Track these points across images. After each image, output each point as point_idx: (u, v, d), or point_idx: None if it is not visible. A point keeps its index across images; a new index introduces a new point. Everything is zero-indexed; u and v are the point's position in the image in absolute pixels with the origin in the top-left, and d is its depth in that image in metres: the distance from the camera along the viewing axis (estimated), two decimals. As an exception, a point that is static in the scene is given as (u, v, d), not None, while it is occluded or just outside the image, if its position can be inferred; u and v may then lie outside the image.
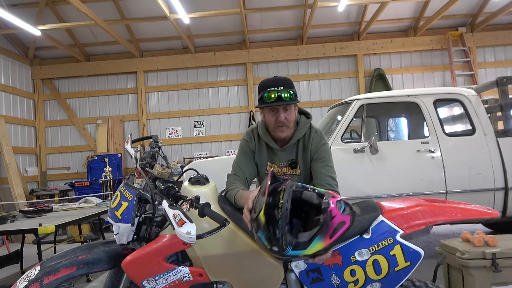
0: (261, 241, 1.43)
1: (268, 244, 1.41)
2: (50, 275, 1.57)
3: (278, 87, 1.82)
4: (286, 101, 1.83)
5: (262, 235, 1.42)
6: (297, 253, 1.38)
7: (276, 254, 1.43)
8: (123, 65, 8.90)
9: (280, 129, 1.91)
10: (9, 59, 8.17)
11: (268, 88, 1.84)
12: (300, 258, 1.48)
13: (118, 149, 8.75)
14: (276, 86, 1.83)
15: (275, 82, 1.86)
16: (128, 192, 1.62)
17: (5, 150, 7.26)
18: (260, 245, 1.47)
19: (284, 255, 1.40)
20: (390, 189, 3.73)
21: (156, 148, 1.87)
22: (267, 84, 1.87)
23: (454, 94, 4.00)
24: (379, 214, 1.66)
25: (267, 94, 1.83)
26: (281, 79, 1.88)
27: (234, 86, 8.98)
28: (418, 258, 1.59)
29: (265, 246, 1.43)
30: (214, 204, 1.70)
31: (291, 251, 1.38)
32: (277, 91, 1.82)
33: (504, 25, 8.81)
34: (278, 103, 1.83)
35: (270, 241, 1.40)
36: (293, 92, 1.84)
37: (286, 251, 1.37)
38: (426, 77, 8.85)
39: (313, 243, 1.37)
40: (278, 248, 1.38)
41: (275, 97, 1.82)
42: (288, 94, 1.82)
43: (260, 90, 1.88)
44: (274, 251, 1.40)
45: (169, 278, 1.59)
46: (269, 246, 1.41)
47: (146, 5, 7.68)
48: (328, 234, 1.37)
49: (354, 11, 8.30)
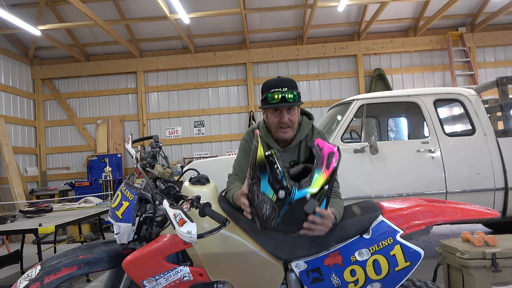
0: (265, 195, 1.44)
1: (274, 191, 1.42)
2: (51, 275, 1.57)
3: (282, 88, 1.80)
4: (290, 102, 1.80)
5: (265, 185, 1.43)
6: (304, 193, 1.43)
7: (284, 204, 1.43)
8: (123, 65, 8.90)
9: (283, 130, 1.89)
10: (9, 59, 8.17)
11: (272, 89, 1.81)
12: (309, 205, 1.45)
13: (118, 149, 8.75)
14: (280, 87, 1.80)
15: (279, 82, 1.83)
16: (129, 192, 1.63)
17: (5, 150, 7.26)
18: (263, 209, 1.46)
19: (291, 201, 1.42)
20: (390, 189, 3.73)
21: (156, 148, 1.87)
22: (271, 84, 1.84)
23: (454, 94, 4.00)
24: (379, 214, 1.66)
25: (271, 95, 1.80)
26: (285, 80, 1.85)
27: (234, 86, 8.98)
28: (418, 258, 1.59)
29: (270, 200, 1.43)
30: (214, 204, 1.71)
31: (298, 192, 1.42)
32: (281, 92, 1.79)
33: (504, 25, 8.81)
34: (282, 104, 1.80)
35: (275, 187, 1.42)
36: (297, 93, 1.82)
37: (292, 193, 1.41)
38: (426, 77, 8.85)
39: (314, 178, 1.44)
40: (284, 190, 1.41)
41: (279, 98, 1.79)
42: (292, 95, 1.79)
43: (264, 90, 1.85)
44: (281, 199, 1.42)
45: (169, 278, 1.59)
46: (276, 194, 1.42)
47: (146, 5, 7.69)
48: (324, 165, 1.45)
49: (354, 11, 8.30)
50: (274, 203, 1.44)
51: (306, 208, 1.45)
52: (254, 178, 1.47)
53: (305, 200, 1.44)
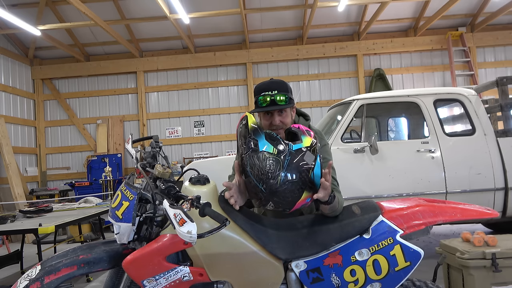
0: (265, 152, 1.52)
1: (273, 146, 1.52)
2: (51, 275, 1.57)
3: (272, 91, 1.81)
4: (280, 105, 1.81)
5: (263, 143, 1.53)
6: (299, 145, 1.53)
7: (285, 155, 1.51)
8: (123, 65, 8.90)
9: (275, 132, 1.91)
10: (9, 59, 8.18)
11: (262, 92, 1.83)
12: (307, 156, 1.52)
13: (118, 149, 8.75)
14: (270, 89, 1.82)
15: (269, 85, 1.84)
16: (129, 191, 1.63)
17: (5, 150, 7.26)
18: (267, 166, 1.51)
19: (292, 149, 1.51)
20: (390, 189, 3.73)
21: (156, 148, 1.87)
22: (261, 88, 1.85)
23: (454, 94, 4.00)
24: (379, 214, 1.66)
25: (262, 98, 1.82)
26: (276, 82, 1.86)
27: (234, 86, 8.99)
28: (418, 258, 1.59)
29: (271, 154, 1.51)
30: (214, 203, 1.70)
31: (294, 145, 1.52)
32: (270, 95, 1.80)
33: (504, 25, 8.82)
34: (272, 107, 1.82)
35: (273, 142, 1.54)
36: (288, 95, 1.82)
37: (290, 146, 1.52)
38: (426, 77, 8.85)
39: (302, 138, 1.56)
40: (282, 143, 1.53)
41: (268, 101, 1.81)
42: (283, 97, 1.80)
43: (255, 94, 1.87)
44: (281, 150, 1.51)
45: (169, 278, 1.59)
46: (275, 148, 1.52)
47: (146, 5, 7.69)
48: (305, 132, 1.59)
49: (354, 11, 8.31)
50: (276, 155, 1.51)
51: (305, 158, 1.52)
52: (250, 144, 1.57)
53: (302, 151, 1.53)
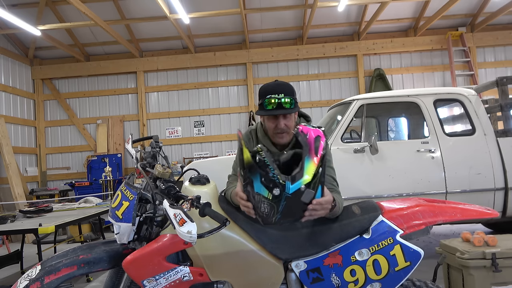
0: (260, 195, 1.44)
1: (268, 190, 1.42)
2: (51, 275, 1.57)
3: (278, 94, 1.79)
4: (286, 109, 1.80)
5: (259, 186, 1.43)
6: (298, 185, 1.41)
7: (279, 200, 1.42)
8: (123, 65, 8.90)
9: (280, 135, 1.89)
10: (9, 59, 8.18)
11: (268, 95, 1.80)
12: (305, 195, 1.44)
13: (118, 149, 8.75)
14: (276, 92, 1.80)
15: (275, 88, 1.82)
16: (129, 191, 1.63)
17: (5, 150, 7.26)
18: (261, 208, 1.46)
19: (288, 194, 1.41)
20: (390, 189, 3.73)
21: (156, 148, 1.87)
22: (267, 90, 1.83)
23: (454, 94, 4.00)
24: (379, 214, 1.66)
25: (268, 101, 1.80)
26: (282, 85, 1.85)
27: (234, 86, 8.99)
28: (418, 258, 1.59)
29: (266, 199, 1.43)
30: (214, 203, 1.71)
31: (292, 186, 1.41)
32: (277, 98, 1.78)
33: (504, 25, 8.81)
34: (278, 111, 1.80)
35: (268, 185, 1.42)
36: (294, 99, 1.81)
37: (287, 187, 1.41)
38: (426, 77, 8.85)
39: (305, 166, 1.43)
40: (279, 187, 1.41)
41: (275, 104, 1.79)
42: (289, 100, 1.79)
43: (261, 96, 1.85)
44: (277, 196, 1.41)
45: (169, 278, 1.60)
46: (270, 192, 1.42)
47: (146, 5, 7.69)
48: (312, 151, 1.45)
49: (354, 11, 8.30)
50: (271, 201, 1.44)
51: (303, 198, 1.44)
52: (246, 180, 1.47)
53: (300, 191, 1.43)
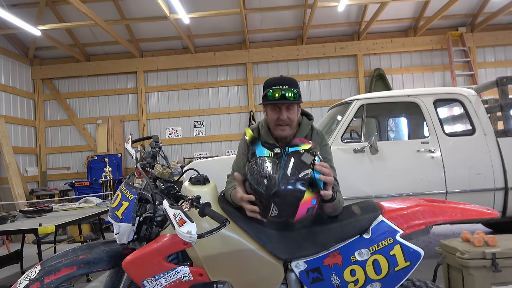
0: (263, 156, 1.54)
1: (269, 150, 1.56)
2: (51, 275, 1.57)
3: (283, 86, 1.84)
4: (289, 100, 1.84)
5: (261, 150, 1.56)
6: (297, 148, 1.55)
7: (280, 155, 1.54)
8: (123, 65, 8.90)
9: (281, 127, 1.91)
10: (9, 59, 8.17)
11: (273, 86, 1.85)
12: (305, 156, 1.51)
13: (118, 149, 8.75)
14: (281, 85, 1.85)
15: (280, 81, 1.87)
16: (129, 191, 1.63)
17: (5, 150, 7.26)
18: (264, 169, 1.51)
19: (288, 151, 1.53)
20: (390, 189, 3.73)
21: (156, 148, 1.87)
22: (272, 82, 1.88)
23: (454, 94, 4.00)
24: (379, 214, 1.66)
25: (272, 92, 1.84)
26: (287, 79, 1.90)
27: (234, 86, 8.98)
28: (418, 258, 1.59)
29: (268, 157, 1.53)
30: (214, 203, 1.70)
31: (291, 148, 1.54)
32: (281, 89, 1.83)
33: (504, 25, 8.81)
34: (281, 101, 1.84)
35: (269, 147, 1.57)
36: (297, 92, 1.86)
37: (287, 149, 1.54)
38: (426, 77, 8.85)
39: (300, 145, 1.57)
40: (279, 149, 1.55)
41: (279, 95, 1.83)
42: (292, 94, 1.83)
43: (265, 87, 1.90)
44: (278, 152, 1.54)
45: (169, 278, 1.59)
46: (271, 151, 1.55)
47: (146, 5, 7.69)
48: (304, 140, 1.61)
49: (354, 11, 8.30)
50: (273, 158, 1.52)
51: (303, 158, 1.50)
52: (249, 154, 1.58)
53: (299, 152, 1.51)
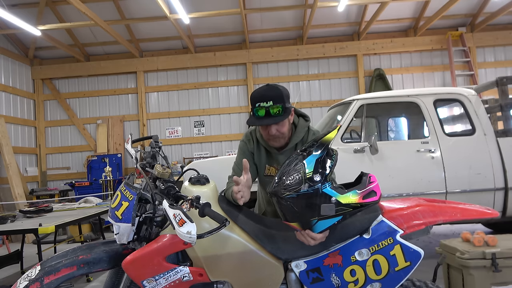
0: (304, 167, 1.46)
1: (313, 170, 1.45)
2: (51, 275, 1.57)
3: (267, 102, 1.79)
4: (274, 117, 1.80)
5: (311, 160, 1.46)
6: (331, 193, 1.44)
7: (311, 186, 1.43)
8: (123, 65, 8.90)
9: (273, 140, 1.93)
10: (9, 59, 8.17)
11: (257, 103, 1.81)
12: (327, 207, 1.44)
13: (118, 149, 8.75)
14: (265, 99, 1.79)
15: (264, 94, 1.82)
16: (129, 192, 1.62)
17: (5, 150, 7.26)
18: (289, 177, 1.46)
19: (319, 189, 1.43)
20: (390, 189, 3.73)
21: (156, 148, 1.87)
22: (257, 97, 1.83)
23: (454, 94, 4.00)
24: (379, 214, 1.66)
25: (256, 110, 1.82)
26: (272, 90, 1.83)
27: (234, 86, 8.98)
28: (418, 258, 1.59)
29: (304, 175, 1.45)
30: (214, 204, 1.70)
31: (329, 189, 1.44)
32: (265, 107, 1.79)
33: (504, 25, 8.81)
34: (266, 120, 1.81)
35: (317, 167, 1.46)
36: (282, 106, 1.80)
37: (325, 184, 1.44)
38: (426, 77, 8.85)
39: (349, 193, 1.46)
40: (321, 177, 1.45)
41: (263, 113, 1.80)
42: (277, 110, 1.79)
43: (252, 101, 1.86)
44: (313, 180, 1.44)
45: (169, 278, 1.59)
46: (313, 173, 1.44)
47: (146, 5, 7.69)
48: (363, 193, 1.48)
49: (354, 11, 8.30)
50: (304, 178, 1.44)
51: (323, 206, 1.43)
52: (305, 150, 1.51)
53: (329, 199, 1.44)
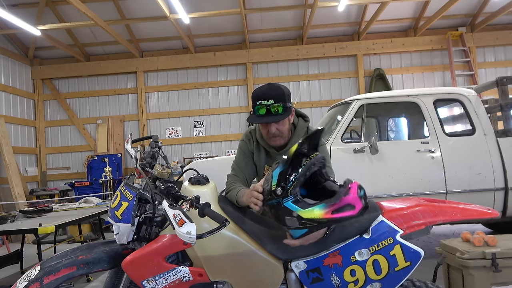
0: (271, 179, 1.46)
1: (276, 183, 1.43)
2: (50, 275, 1.57)
3: (268, 100, 1.79)
4: (275, 116, 1.80)
5: (277, 171, 1.45)
6: (292, 207, 1.38)
7: (275, 199, 1.43)
8: (123, 65, 8.90)
9: (273, 139, 1.93)
10: (9, 59, 8.17)
11: (259, 101, 1.81)
12: (290, 220, 1.41)
13: (118, 149, 8.75)
14: (267, 98, 1.80)
15: (266, 93, 1.82)
16: (128, 192, 1.62)
17: (5, 150, 7.26)
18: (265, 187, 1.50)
19: (281, 203, 1.40)
20: (390, 189, 3.73)
21: (156, 148, 1.87)
22: (258, 95, 1.84)
23: (454, 94, 4.00)
24: (379, 214, 1.66)
25: (257, 108, 1.81)
26: (273, 89, 1.83)
27: (234, 86, 8.98)
28: (418, 258, 1.59)
29: (269, 186, 1.46)
30: (214, 204, 1.70)
31: (290, 203, 1.38)
32: (266, 105, 1.79)
33: (504, 25, 8.81)
34: (267, 118, 1.81)
35: (280, 180, 1.42)
36: (283, 105, 1.80)
37: (286, 198, 1.39)
38: (426, 77, 8.85)
39: (314, 207, 1.36)
40: (282, 191, 1.41)
41: (264, 112, 1.80)
42: (278, 109, 1.79)
43: (253, 100, 1.86)
44: (276, 193, 1.43)
45: (169, 278, 1.59)
46: (275, 186, 1.43)
47: (146, 5, 7.68)
48: (332, 207, 1.35)
49: (354, 11, 8.30)
50: (270, 190, 1.48)
51: (287, 219, 1.43)
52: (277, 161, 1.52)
53: (290, 213, 1.41)
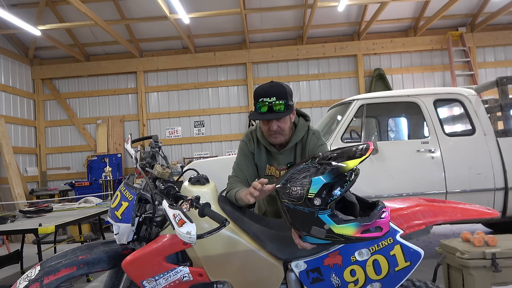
0: (309, 185, 1.38)
1: (316, 194, 1.36)
2: (50, 275, 1.57)
3: (270, 97, 1.79)
4: (277, 113, 1.80)
5: (318, 181, 1.37)
6: (327, 221, 1.36)
7: (308, 207, 1.37)
8: (123, 65, 8.90)
9: (274, 136, 1.93)
10: (9, 59, 8.17)
11: (261, 98, 1.82)
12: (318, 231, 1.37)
13: (118, 149, 8.75)
14: (269, 95, 1.80)
15: (268, 91, 1.82)
16: (128, 192, 1.62)
17: (5, 150, 7.26)
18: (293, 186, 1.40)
19: (315, 213, 1.37)
20: (390, 189, 3.73)
21: (156, 148, 1.87)
22: (260, 93, 1.84)
23: (454, 94, 4.00)
24: (379, 214, 1.66)
25: (259, 105, 1.82)
26: (276, 87, 1.84)
27: (234, 86, 8.98)
28: (418, 258, 1.59)
29: (305, 192, 1.37)
30: (214, 204, 1.70)
31: (326, 216, 1.36)
32: (268, 103, 1.79)
33: (504, 25, 8.81)
34: (269, 115, 1.81)
35: (321, 192, 1.36)
36: (285, 103, 1.80)
37: (324, 210, 1.36)
38: (426, 77, 8.85)
39: (347, 224, 1.36)
40: (321, 202, 1.36)
41: (266, 109, 1.80)
42: (280, 106, 1.79)
43: (255, 97, 1.86)
44: (313, 203, 1.36)
45: (169, 278, 1.59)
46: (315, 196, 1.36)
47: (146, 5, 7.68)
48: (364, 227, 1.36)
49: (354, 11, 8.30)
50: (305, 197, 1.39)
51: (314, 228, 1.39)
52: (322, 164, 1.42)
53: (322, 225, 1.38)
